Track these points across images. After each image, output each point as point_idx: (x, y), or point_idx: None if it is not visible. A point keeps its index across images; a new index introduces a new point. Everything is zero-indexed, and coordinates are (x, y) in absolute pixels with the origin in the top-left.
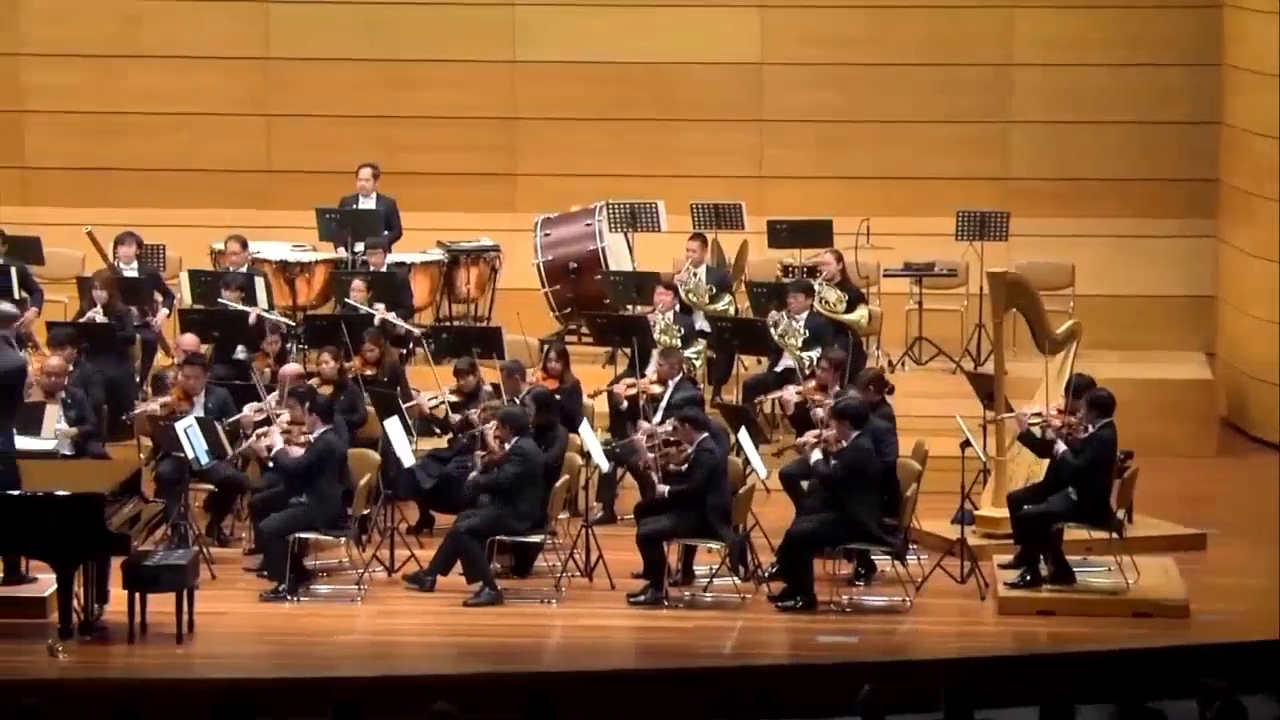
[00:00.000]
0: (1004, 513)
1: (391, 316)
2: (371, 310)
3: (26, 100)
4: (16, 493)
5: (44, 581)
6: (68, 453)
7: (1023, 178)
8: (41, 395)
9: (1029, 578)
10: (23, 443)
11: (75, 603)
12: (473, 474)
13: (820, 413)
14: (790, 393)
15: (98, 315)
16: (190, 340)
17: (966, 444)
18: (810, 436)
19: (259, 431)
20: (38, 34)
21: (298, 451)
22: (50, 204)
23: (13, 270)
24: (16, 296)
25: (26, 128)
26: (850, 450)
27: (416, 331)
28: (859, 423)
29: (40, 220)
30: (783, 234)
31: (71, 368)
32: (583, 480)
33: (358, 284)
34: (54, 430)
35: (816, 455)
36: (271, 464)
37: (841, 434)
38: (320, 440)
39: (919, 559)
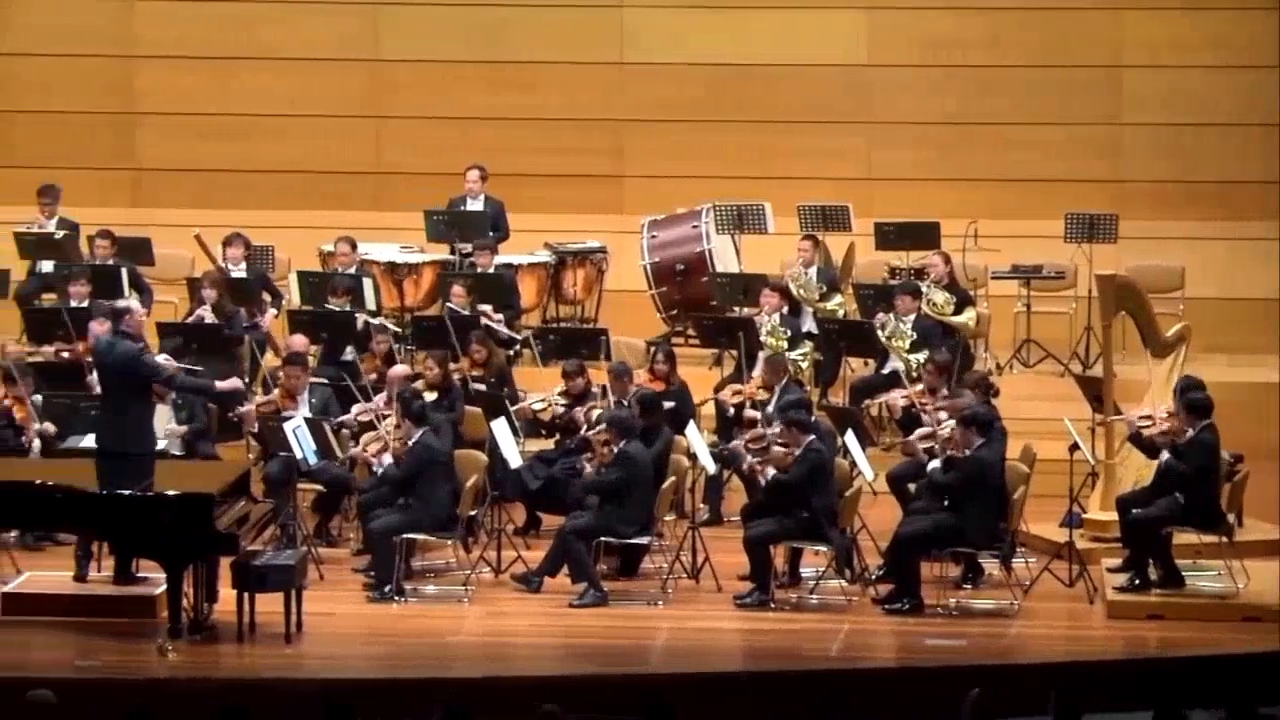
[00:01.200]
0: (1112, 516)
1: (494, 321)
2: (473, 314)
3: (139, 102)
4: (126, 492)
5: (154, 581)
6: (177, 453)
7: (1132, 180)
8: (154, 396)
9: (1138, 581)
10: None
11: (185, 602)
12: (582, 477)
13: (940, 415)
14: (897, 396)
15: (207, 316)
16: (300, 341)
17: (1075, 447)
18: (921, 436)
19: (366, 436)
20: (151, 36)
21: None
22: (161, 205)
23: (123, 271)
24: (126, 296)
25: (139, 129)
26: (973, 460)
27: (518, 336)
28: (984, 430)
29: (151, 221)
30: (890, 236)
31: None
32: (689, 482)
33: (457, 288)
34: (164, 430)
35: (935, 464)
36: (379, 482)
37: (966, 441)
38: (418, 446)
39: (1027, 562)
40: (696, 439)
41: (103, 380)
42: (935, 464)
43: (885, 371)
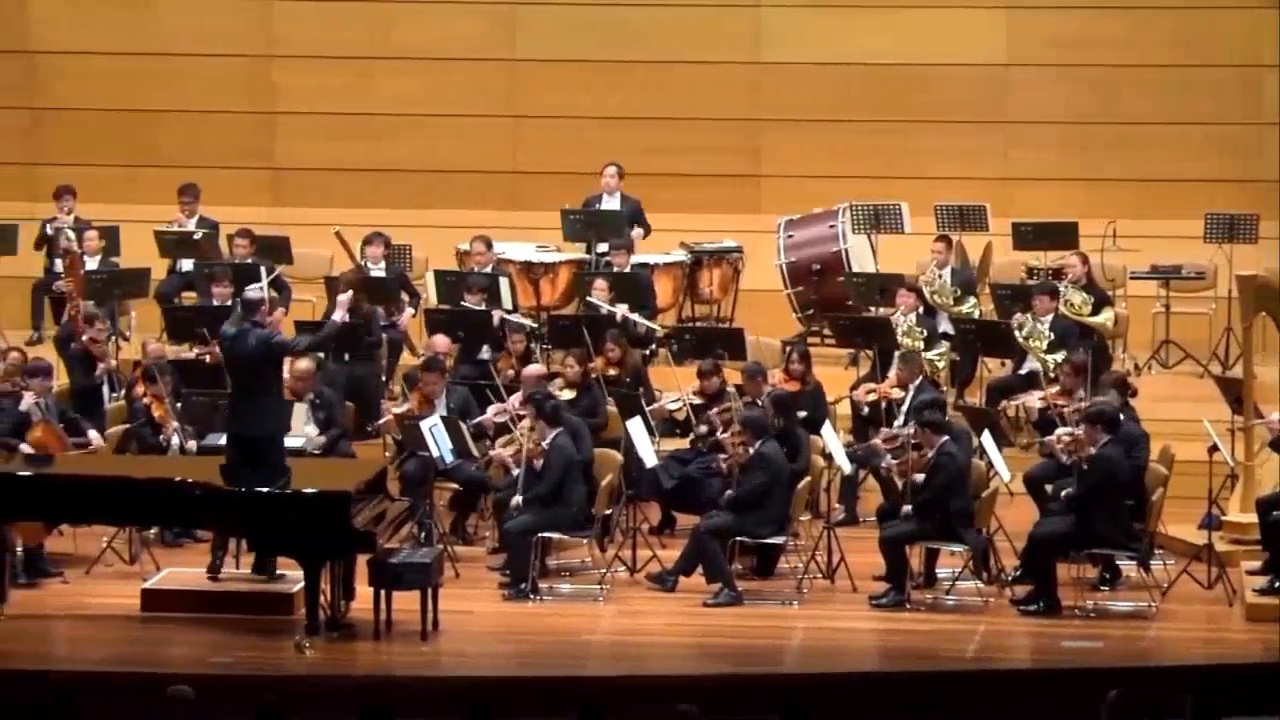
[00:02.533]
0: (1252, 518)
1: (633, 316)
2: (613, 310)
3: (278, 102)
4: (265, 490)
5: (291, 579)
6: (315, 451)
7: (1272, 180)
8: (289, 395)
9: (1278, 584)
10: None
11: (322, 600)
12: (727, 493)
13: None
14: (1034, 399)
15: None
16: (442, 341)
17: (1214, 449)
18: (1060, 436)
19: (501, 438)
20: (290, 36)
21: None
22: (299, 205)
23: (262, 270)
24: (265, 296)
25: (278, 129)
26: (1099, 460)
27: (658, 329)
28: (1111, 428)
29: (289, 221)
30: (1028, 236)
31: (318, 370)
32: (824, 482)
33: (600, 283)
34: (302, 430)
35: (1069, 491)
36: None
37: (1091, 439)
38: (555, 450)
39: (1165, 564)
40: (832, 439)
41: (234, 372)
42: (1069, 490)
43: (1022, 372)
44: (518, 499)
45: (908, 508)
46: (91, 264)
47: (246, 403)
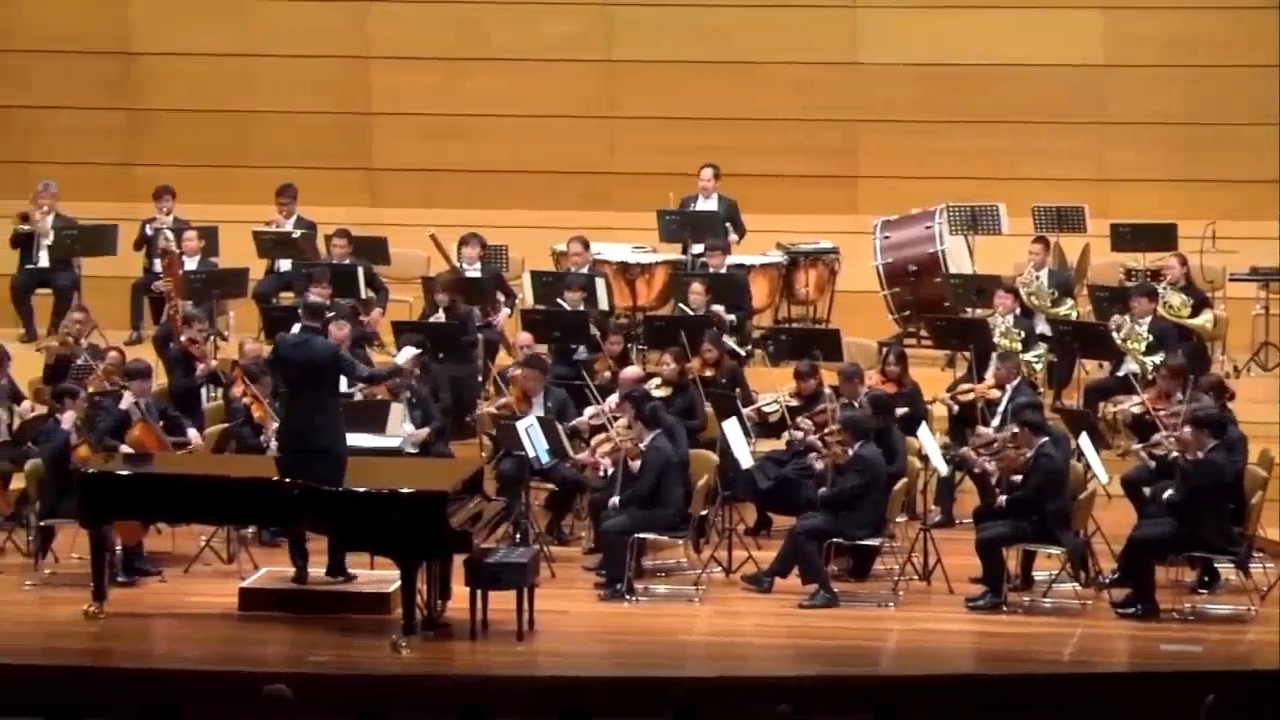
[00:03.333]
0: None
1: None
2: (707, 313)
3: (374, 103)
4: (362, 489)
5: (386, 578)
6: (412, 451)
7: None
8: (386, 394)
9: None
10: (368, 440)
11: (419, 599)
12: (821, 491)
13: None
14: (1132, 402)
15: (441, 316)
16: (525, 338)
17: None
18: (1162, 439)
19: (597, 438)
20: (385, 37)
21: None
22: (396, 205)
23: (359, 270)
24: (363, 296)
25: (374, 130)
26: (1205, 464)
27: (741, 352)
28: (1218, 432)
29: (386, 221)
30: (1126, 237)
31: (417, 370)
32: (921, 484)
33: (696, 286)
34: (400, 429)
35: (1170, 493)
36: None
37: (1198, 443)
38: (652, 451)
39: (1264, 567)
40: (928, 440)
41: (292, 378)
42: (1170, 493)
43: (1120, 374)
44: (615, 499)
45: (1003, 498)
46: (190, 264)
47: (303, 414)
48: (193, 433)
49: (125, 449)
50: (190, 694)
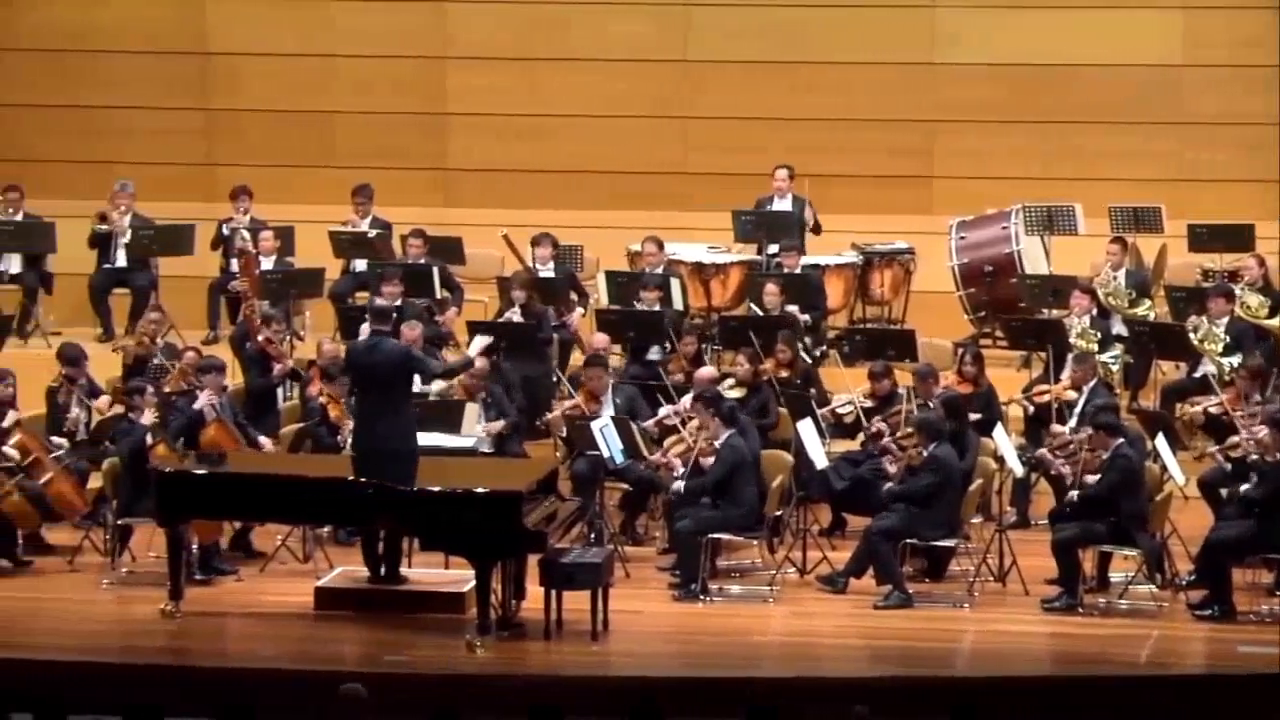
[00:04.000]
0: None
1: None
2: (782, 313)
3: (450, 103)
4: (437, 489)
5: (461, 578)
6: (487, 450)
7: None
8: (462, 394)
9: None
10: (443, 440)
11: (493, 599)
12: (888, 485)
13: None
14: (1210, 403)
15: (516, 315)
16: (601, 339)
17: None
18: (1240, 440)
19: (670, 439)
20: (463, 38)
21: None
22: (471, 205)
23: (434, 270)
24: (438, 296)
25: (450, 130)
26: None
27: (814, 355)
28: None
29: (461, 221)
30: (1203, 237)
31: (490, 370)
32: (996, 484)
33: (771, 287)
34: (475, 429)
35: (1246, 487)
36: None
37: (1277, 444)
38: (727, 449)
39: None
40: (1004, 441)
41: (364, 383)
42: (1247, 492)
43: (1197, 375)
44: (679, 484)
45: (1074, 493)
46: (267, 264)
47: (376, 417)
48: (264, 439)
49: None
50: (266, 693)
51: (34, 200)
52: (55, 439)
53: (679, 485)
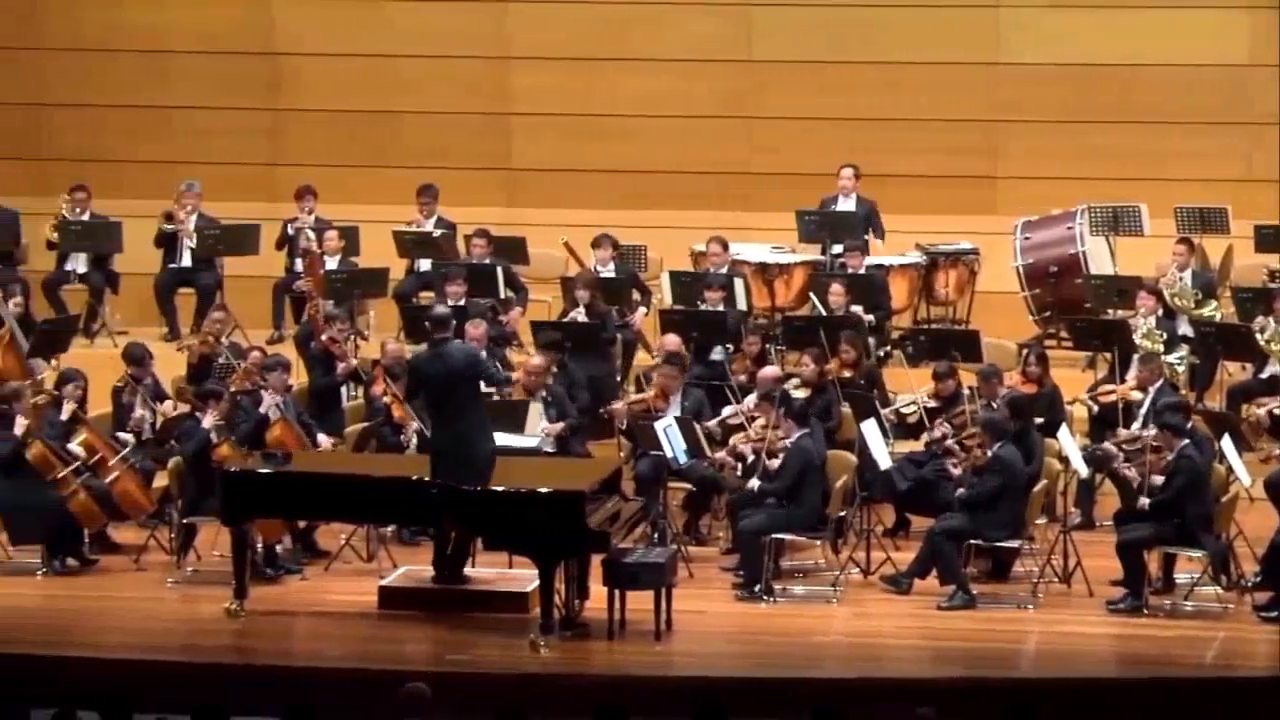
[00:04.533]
0: None
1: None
2: (846, 313)
3: (513, 103)
4: (501, 488)
5: (525, 577)
6: (550, 450)
7: None
8: (523, 394)
9: None
10: (507, 440)
11: (557, 599)
12: (959, 491)
13: None
14: (1276, 404)
15: (580, 315)
16: (672, 340)
17: None
18: None
19: (735, 437)
20: (525, 38)
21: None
22: (535, 205)
23: (498, 270)
24: (502, 296)
25: (513, 130)
26: None
27: (869, 360)
28: None
29: (525, 221)
30: (1269, 238)
31: (554, 368)
32: (1061, 485)
33: (836, 287)
34: (538, 428)
35: None
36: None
37: None
38: (797, 450)
39: None
40: (1068, 442)
41: (432, 391)
42: None
43: (1263, 376)
44: (755, 481)
45: (1145, 500)
46: (331, 264)
47: (450, 420)
48: (323, 437)
49: None
50: (330, 692)
51: (100, 200)
52: (121, 437)
53: (754, 483)
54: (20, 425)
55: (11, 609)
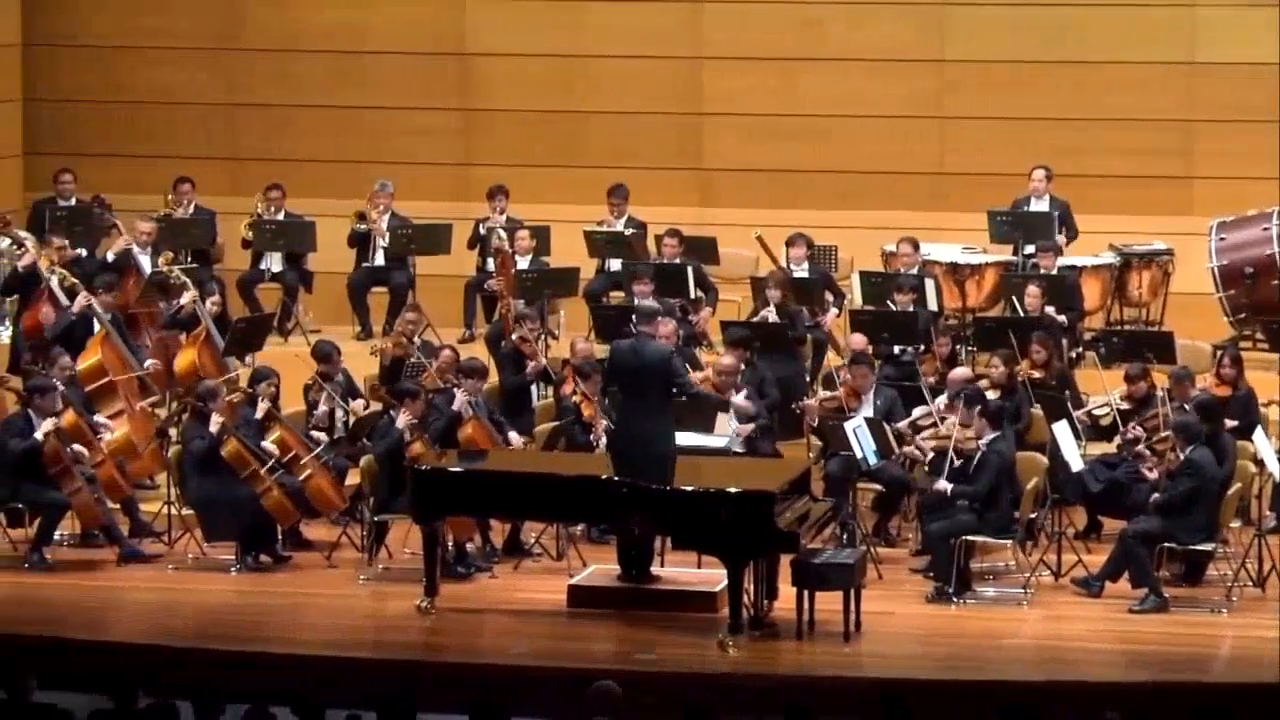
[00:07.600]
0: None
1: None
2: (1041, 314)
3: (706, 103)
4: (690, 488)
5: (713, 577)
6: (739, 450)
7: None
8: (714, 393)
9: None
10: (696, 439)
11: (745, 599)
12: (1154, 497)
13: None
14: None
15: (770, 315)
16: (859, 340)
17: None
18: None
19: (922, 435)
20: (719, 38)
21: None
22: (726, 205)
23: (689, 269)
24: (692, 295)
25: (705, 130)
26: None
27: (1060, 361)
28: None
29: (716, 221)
30: None
31: (744, 367)
32: (1256, 488)
33: (1033, 289)
34: (727, 428)
35: None
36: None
37: None
38: (992, 454)
39: None
40: (1264, 445)
41: (625, 382)
42: None
43: None
44: (944, 483)
45: None
46: (522, 263)
47: (637, 416)
48: (514, 435)
49: None
50: (518, 689)
51: (295, 200)
52: (315, 434)
53: (944, 484)
54: (215, 423)
55: (206, 605)
